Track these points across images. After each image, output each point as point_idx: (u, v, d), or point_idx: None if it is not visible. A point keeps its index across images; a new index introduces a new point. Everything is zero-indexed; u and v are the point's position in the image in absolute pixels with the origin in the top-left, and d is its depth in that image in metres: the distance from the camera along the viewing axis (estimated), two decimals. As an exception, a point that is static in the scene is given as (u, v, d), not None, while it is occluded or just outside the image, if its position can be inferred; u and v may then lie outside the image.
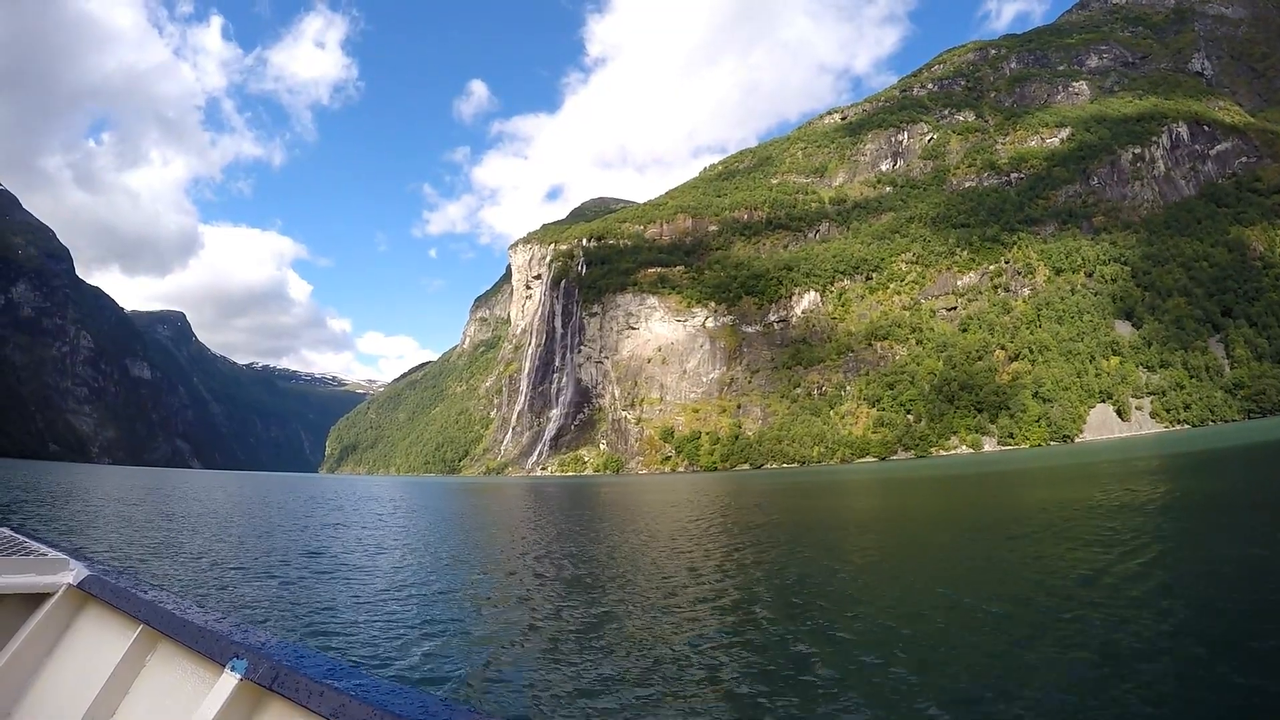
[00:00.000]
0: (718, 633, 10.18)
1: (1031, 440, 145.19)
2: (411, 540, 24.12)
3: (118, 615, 2.95)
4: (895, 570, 15.37)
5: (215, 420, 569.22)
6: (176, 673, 2.61)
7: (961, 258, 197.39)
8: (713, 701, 7.54)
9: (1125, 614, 9.63)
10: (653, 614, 11.50)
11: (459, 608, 12.70)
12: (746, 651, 9.17)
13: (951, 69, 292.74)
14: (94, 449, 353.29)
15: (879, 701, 7.25)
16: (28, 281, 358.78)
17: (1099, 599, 10.60)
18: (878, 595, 12.59)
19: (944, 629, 9.94)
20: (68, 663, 3.03)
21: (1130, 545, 14.70)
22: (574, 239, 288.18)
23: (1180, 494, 27.24)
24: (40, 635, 3.09)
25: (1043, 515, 22.50)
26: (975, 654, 8.78)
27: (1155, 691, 7.14)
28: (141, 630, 2.76)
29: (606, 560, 18.55)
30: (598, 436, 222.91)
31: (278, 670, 2.11)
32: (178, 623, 2.60)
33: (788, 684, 7.89)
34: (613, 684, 8.11)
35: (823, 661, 8.56)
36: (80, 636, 3.11)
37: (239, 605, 12.32)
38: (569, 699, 7.72)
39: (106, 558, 14.65)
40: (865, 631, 9.92)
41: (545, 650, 9.67)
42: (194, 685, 2.49)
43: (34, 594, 3.21)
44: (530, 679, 8.47)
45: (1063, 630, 9.20)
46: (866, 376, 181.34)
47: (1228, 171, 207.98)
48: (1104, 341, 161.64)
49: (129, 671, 2.73)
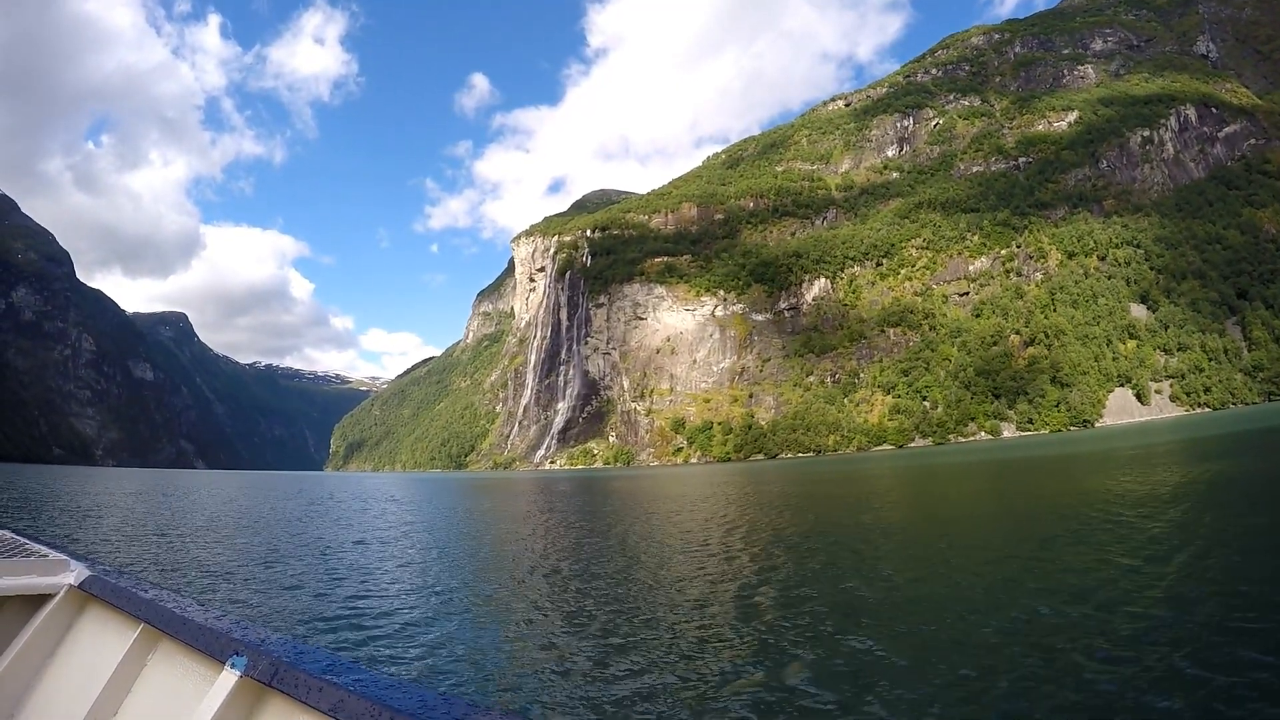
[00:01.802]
0: (747, 642, 9.20)
1: (1051, 425, 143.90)
2: (432, 544, 23.00)
3: (118, 615, 2.95)
4: (955, 575, 13.12)
5: (219, 420, 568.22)
6: (177, 671, 2.63)
7: (973, 242, 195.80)
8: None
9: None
10: (672, 617, 10.73)
11: (469, 606, 12.53)
12: (785, 664, 8.23)
13: (956, 54, 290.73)
14: (98, 451, 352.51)
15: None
16: (28, 285, 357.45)
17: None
18: (937, 608, 10.59)
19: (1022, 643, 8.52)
20: (70, 663, 3.04)
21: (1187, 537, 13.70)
22: (577, 230, 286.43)
23: (1239, 478, 25.60)
24: (42, 636, 3.11)
25: (1101, 505, 19.86)
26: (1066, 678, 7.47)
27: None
28: (142, 629, 2.76)
29: (634, 562, 16.88)
30: (607, 429, 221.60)
31: (277, 666, 2.12)
32: (178, 621, 2.61)
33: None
34: (631, 691, 7.71)
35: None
36: (82, 637, 3.13)
37: (246, 606, 12.37)
38: (579, 699, 7.52)
39: (117, 561, 15.35)
40: (926, 659, 8.26)
41: (561, 651, 9.34)
42: (195, 683, 2.50)
43: (35, 595, 3.22)
44: (544, 679, 8.25)
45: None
46: (880, 363, 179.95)
47: (1236, 153, 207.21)
48: (1120, 325, 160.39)
49: (130, 671, 2.74)
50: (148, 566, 16.14)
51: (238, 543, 21.86)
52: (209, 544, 21.29)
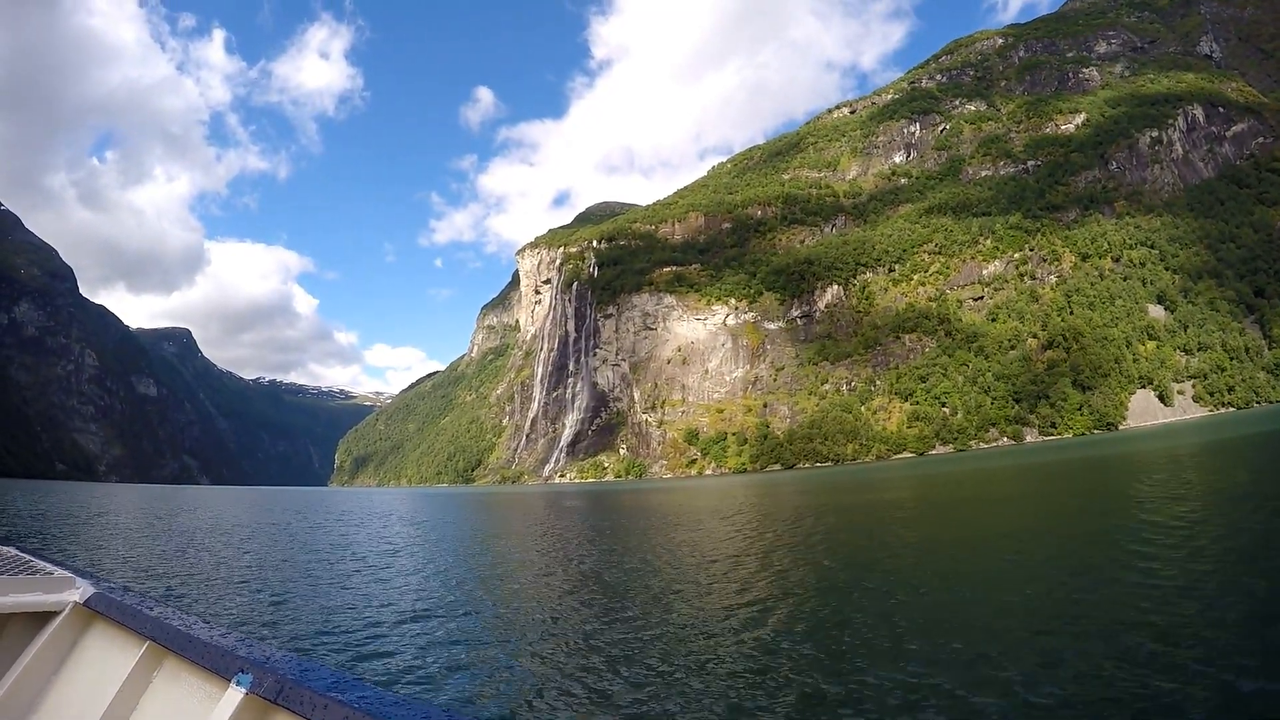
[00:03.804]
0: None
1: (1075, 429, 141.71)
2: (444, 564, 21.95)
3: (124, 632, 2.96)
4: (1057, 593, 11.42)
5: (222, 436, 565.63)
6: (183, 688, 2.63)
7: (985, 246, 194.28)
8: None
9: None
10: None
11: (480, 628, 12.26)
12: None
13: (959, 60, 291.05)
14: (101, 467, 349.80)
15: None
16: (31, 301, 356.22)
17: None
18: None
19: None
20: (75, 680, 3.05)
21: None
22: (584, 240, 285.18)
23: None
24: (47, 653, 3.10)
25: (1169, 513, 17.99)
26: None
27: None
28: (148, 647, 2.76)
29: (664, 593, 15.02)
30: (617, 441, 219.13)
31: (283, 684, 2.12)
32: (183, 638, 2.60)
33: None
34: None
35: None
36: (87, 654, 3.13)
37: (251, 623, 12.27)
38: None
39: (122, 578, 15.18)
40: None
41: (571, 672, 9.08)
42: (200, 701, 2.50)
43: (41, 612, 3.22)
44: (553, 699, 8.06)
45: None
46: (897, 370, 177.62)
47: (1245, 152, 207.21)
48: (1139, 326, 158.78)
49: (136, 688, 2.73)
50: (152, 583, 16.16)
51: (242, 559, 21.88)
52: (214, 560, 21.31)
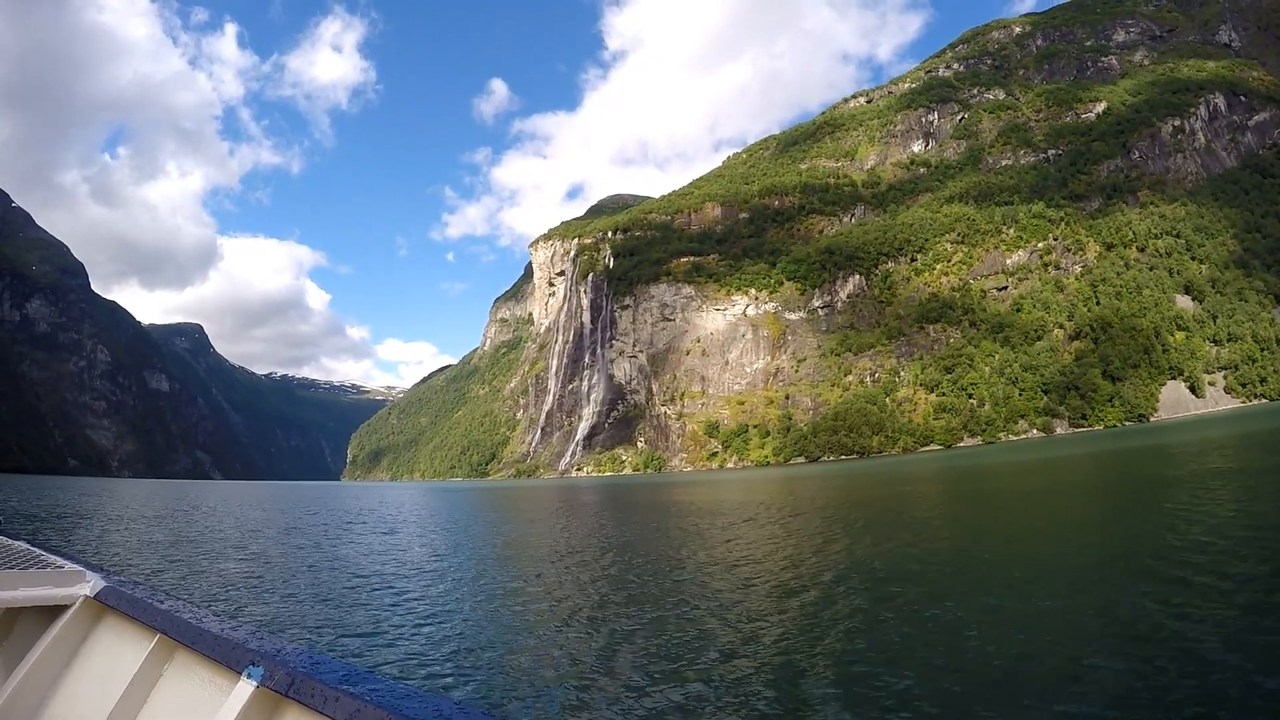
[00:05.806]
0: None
1: (1106, 421, 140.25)
2: (459, 558, 21.62)
3: (135, 625, 2.97)
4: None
5: (235, 431, 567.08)
6: (194, 681, 2.63)
7: (1008, 236, 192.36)
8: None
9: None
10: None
11: (497, 625, 12.09)
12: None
13: (977, 49, 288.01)
14: (114, 463, 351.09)
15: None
16: (43, 297, 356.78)
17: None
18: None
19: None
20: (86, 674, 3.05)
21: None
22: (599, 231, 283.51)
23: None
24: (58, 647, 3.12)
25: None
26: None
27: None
28: (158, 640, 2.77)
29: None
30: (635, 434, 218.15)
31: (294, 677, 2.12)
32: (194, 632, 2.61)
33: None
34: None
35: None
36: (98, 647, 3.14)
37: (262, 616, 12.30)
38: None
39: (132, 571, 15.40)
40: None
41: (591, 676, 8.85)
42: (211, 693, 2.51)
43: (52, 606, 3.24)
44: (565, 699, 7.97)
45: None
46: (921, 361, 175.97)
47: (1268, 142, 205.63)
48: (1167, 316, 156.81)
49: (146, 681, 2.75)
50: (163, 576, 16.17)
51: (252, 552, 21.83)
52: (225, 554, 21.31)
